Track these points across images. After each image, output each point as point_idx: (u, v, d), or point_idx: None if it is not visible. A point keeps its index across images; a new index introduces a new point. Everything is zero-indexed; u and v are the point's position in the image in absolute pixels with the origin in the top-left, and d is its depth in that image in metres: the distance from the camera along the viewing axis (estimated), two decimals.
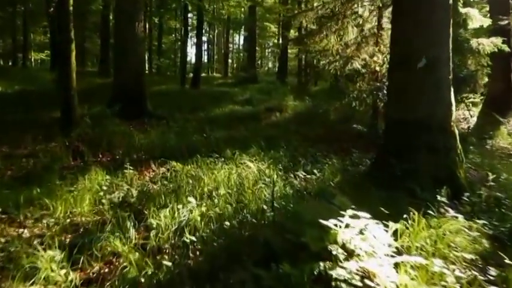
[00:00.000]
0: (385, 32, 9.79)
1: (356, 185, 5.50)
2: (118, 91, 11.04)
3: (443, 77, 5.61)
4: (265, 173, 5.57)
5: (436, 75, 5.56)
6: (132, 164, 6.39)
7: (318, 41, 9.69)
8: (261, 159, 7.13)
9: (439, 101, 5.59)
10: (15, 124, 9.19)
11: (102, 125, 8.90)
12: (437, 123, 5.56)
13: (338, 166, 7.21)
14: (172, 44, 42.13)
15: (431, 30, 5.56)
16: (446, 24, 5.67)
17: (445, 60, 5.63)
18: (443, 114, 5.59)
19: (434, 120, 5.55)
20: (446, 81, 5.64)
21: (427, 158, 5.42)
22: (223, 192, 4.84)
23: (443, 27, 5.63)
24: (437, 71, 5.56)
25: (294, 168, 6.80)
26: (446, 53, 5.65)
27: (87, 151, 6.96)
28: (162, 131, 9.67)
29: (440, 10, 5.61)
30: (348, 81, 10.26)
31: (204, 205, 4.38)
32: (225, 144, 8.72)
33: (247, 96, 17.46)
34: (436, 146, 5.49)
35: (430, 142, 5.46)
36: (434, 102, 5.57)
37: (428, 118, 5.54)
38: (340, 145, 9.24)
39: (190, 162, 6.63)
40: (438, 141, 5.51)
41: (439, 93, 5.59)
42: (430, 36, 5.57)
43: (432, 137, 5.51)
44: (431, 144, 5.48)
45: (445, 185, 5.16)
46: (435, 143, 5.49)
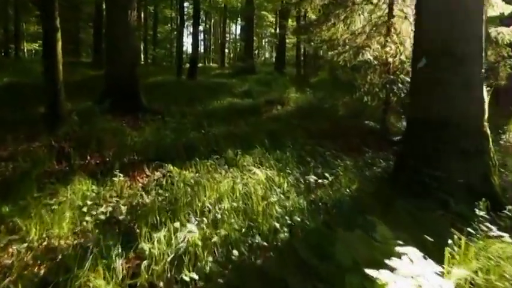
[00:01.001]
0: (397, 20, 9.10)
1: (378, 195, 4.85)
2: (110, 84, 10.30)
3: (475, 72, 4.94)
4: (274, 181, 4.89)
5: (468, 71, 4.89)
6: (123, 168, 5.73)
7: (325, 30, 8.99)
8: (266, 161, 6.49)
9: (471, 99, 4.92)
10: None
11: (92, 121, 8.19)
12: (469, 123, 4.90)
13: (351, 168, 6.56)
14: (168, 33, 41.21)
15: (462, 19, 4.88)
16: (479, 13, 4.99)
17: (478, 53, 4.96)
18: (475, 113, 4.93)
19: (466, 120, 4.89)
20: (478, 76, 4.97)
21: (458, 163, 4.77)
22: (228, 205, 4.18)
23: (475, 16, 4.95)
24: (469, 65, 4.89)
25: (303, 170, 6.15)
26: (479, 45, 4.97)
27: (74, 153, 6.26)
28: (157, 127, 8.97)
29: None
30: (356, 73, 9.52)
31: (206, 223, 3.73)
32: (225, 141, 8.05)
33: (246, 88, 16.73)
34: (468, 150, 4.83)
35: (461, 145, 4.80)
36: (466, 101, 4.90)
37: (459, 118, 4.87)
38: (349, 142, 8.57)
39: (188, 166, 5.97)
40: (470, 143, 4.85)
41: (471, 91, 4.92)
42: (461, 27, 4.89)
43: (463, 140, 4.85)
44: (462, 148, 4.83)
45: (480, 194, 4.51)
46: (467, 146, 4.83)
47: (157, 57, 33.37)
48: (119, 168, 5.60)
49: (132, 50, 10.47)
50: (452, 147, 4.79)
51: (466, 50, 4.85)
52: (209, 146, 7.50)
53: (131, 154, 6.66)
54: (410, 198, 4.65)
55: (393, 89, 8.11)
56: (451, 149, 4.79)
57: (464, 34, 4.87)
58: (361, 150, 7.97)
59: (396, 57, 8.37)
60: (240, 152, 6.99)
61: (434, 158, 4.88)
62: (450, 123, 4.83)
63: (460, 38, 4.85)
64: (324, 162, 6.91)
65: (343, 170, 6.33)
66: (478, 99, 4.96)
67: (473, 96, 4.92)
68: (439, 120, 4.89)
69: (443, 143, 4.85)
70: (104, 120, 8.57)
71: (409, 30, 9.04)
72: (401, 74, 8.34)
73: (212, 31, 54.33)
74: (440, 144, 4.87)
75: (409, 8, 9.49)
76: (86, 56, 36.34)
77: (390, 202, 4.57)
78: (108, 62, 10.76)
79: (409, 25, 9.10)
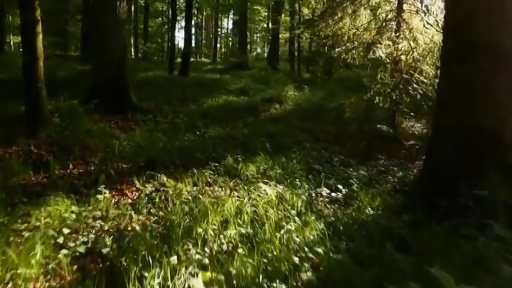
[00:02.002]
0: (408, 15, 8.44)
1: (404, 213, 4.19)
2: (97, 82, 9.51)
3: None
4: (286, 199, 4.20)
5: (509, 72, 4.22)
6: (109, 180, 5.02)
7: (331, 25, 8.30)
8: (270, 169, 5.83)
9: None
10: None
11: (76, 123, 7.42)
12: (511, 134, 4.24)
13: (365, 177, 5.91)
14: (159, 27, 40.23)
15: (504, 9, 4.21)
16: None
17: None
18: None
19: (506, 131, 4.23)
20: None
21: (501, 179, 4.11)
22: (234, 232, 3.49)
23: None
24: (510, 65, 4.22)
25: (312, 180, 5.49)
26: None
27: (54, 161, 5.53)
28: (149, 129, 8.25)
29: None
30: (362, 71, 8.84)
31: (208, 259, 3.04)
32: (222, 145, 7.38)
33: (241, 84, 15.99)
34: (509, 165, 4.18)
35: (506, 158, 4.14)
36: (507, 108, 4.24)
37: (498, 128, 4.21)
38: (358, 147, 7.93)
39: (184, 176, 5.27)
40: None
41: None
42: (502, 17, 4.23)
43: (503, 153, 4.20)
44: (502, 162, 4.17)
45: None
46: (507, 161, 4.18)
47: (148, 52, 32.41)
48: (105, 180, 4.90)
49: (121, 45, 9.70)
50: (494, 161, 4.14)
51: (508, 46, 4.18)
52: (206, 151, 6.81)
53: (119, 161, 5.94)
54: (443, 220, 4.02)
55: (408, 90, 7.45)
56: (493, 162, 4.14)
57: (506, 27, 4.20)
58: (372, 156, 7.33)
59: (409, 55, 7.71)
60: (240, 158, 6.33)
61: (472, 173, 4.22)
62: (493, 132, 4.17)
63: (503, 31, 4.18)
64: (334, 171, 6.26)
65: (357, 180, 5.69)
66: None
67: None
68: (478, 129, 4.23)
69: (484, 155, 4.19)
70: (90, 121, 7.81)
71: (420, 26, 8.40)
72: (415, 73, 7.69)
73: (204, 25, 53.38)
74: (480, 156, 4.21)
75: (418, 1, 8.86)
76: (75, 49, 35.32)
77: (422, 224, 3.93)
78: (95, 57, 9.97)
79: (421, 20, 8.46)
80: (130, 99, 9.86)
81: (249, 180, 5.33)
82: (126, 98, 9.72)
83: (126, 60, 10.15)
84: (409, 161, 7.44)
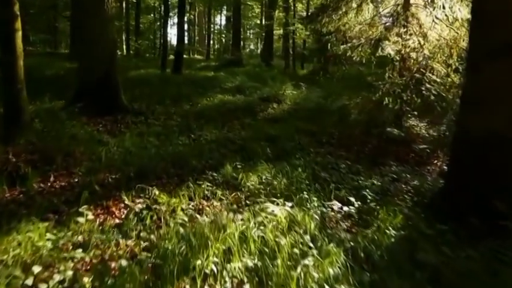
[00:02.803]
0: (416, 9, 7.91)
1: (434, 236, 3.66)
2: (85, 81, 8.88)
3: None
4: (297, 222, 3.65)
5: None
6: (95, 196, 4.45)
7: (335, 20, 7.76)
8: (273, 178, 5.29)
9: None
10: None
11: (61, 127, 6.85)
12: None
13: (378, 188, 5.39)
14: (151, 24, 39.47)
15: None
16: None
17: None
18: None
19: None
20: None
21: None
22: (239, 265, 2.94)
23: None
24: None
25: (321, 191, 4.96)
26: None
27: (32, 173, 4.94)
28: (140, 132, 7.67)
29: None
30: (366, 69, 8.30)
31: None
32: (219, 151, 6.84)
33: (237, 82, 15.39)
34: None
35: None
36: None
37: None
38: (364, 151, 7.40)
39: (178, 189, 4.73)
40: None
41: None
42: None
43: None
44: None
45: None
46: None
47: (140, 49, 31.69)
48: (88, 197, 4.34)
49: (109, 43, 9.08)
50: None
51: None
52: (202, 158, 6.26)
53: (107, 171, 5.36)
54: (477, 241, 3.51)
55: (421, 90, 6.92)
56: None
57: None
58: (380, 162, 6.80)
59: (420, 52, 7.18)
60: (240, 165, 5.79)
61: (508, 186, 3.70)
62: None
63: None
64: (342, 179, 5.73)
65: (370, 190, 5.17)
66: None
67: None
68: (507, 136, 3.71)
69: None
70: (76, 125, 7.23)
71: (429, 21, 7.88)
72: (426, 71, 7.17)
73: (197, 22, 52.61)
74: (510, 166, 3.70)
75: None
76: (65, 47, 34.52)
77: (454, 248, 3.41)
78: (82, 56, 9.34)
79: (429, 15, 7.94)
80: (120, 99, 9.26)
81: (251, 193, 4.80)
82: (115, 98, 9.12)
83: (115, 58, 9.53)
84: (420, 166, 6.94)
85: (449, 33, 7.71)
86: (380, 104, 7.30)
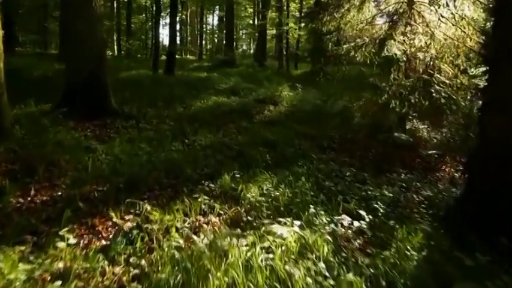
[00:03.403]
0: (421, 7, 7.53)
1: (462, 258, 3.25)
2: (72, 83, 8.39)
3: None
4: (309, 245, 3.23)
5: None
6: (78, 213, 4.01)
7: (337, 18, 7.35)
8: (274, 189, 4.88)
9: None
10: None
11: (45, 133, 6.39)
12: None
13: (389, 199, 4.99)
14: (142, 24, 38.92)
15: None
16: None
17: None
18: None
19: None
20: None
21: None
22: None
23: None
24: None
25: (328, 206, 4.55)
26: None
27: (11, 186, 4.49)
28: (131, 138, 7.22)
29: None
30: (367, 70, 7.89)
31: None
32: (216, 157, 6.42)
33: (231, 83, 14.98)
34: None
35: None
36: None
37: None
38: (368, 157, 7.01)
39: (172, 204, 4.30)
40: None
41: None
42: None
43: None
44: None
45: None
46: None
47: (131, 49, 31.15)
48: (73, 212, 3.90)
49: (98, 42, 8.60)
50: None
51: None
52: (197, 166, 5.83)
53: (94, 183, 4.92)
54: None
55: (430, 92, 6.53)
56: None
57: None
58: (387, 168, 6.42)
59: (428, 52, 6.79)
60: (238, 175, 5.37)
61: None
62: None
63: None
64: (349, 189, 5.33)
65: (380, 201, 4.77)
66: None
67: None
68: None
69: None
70: (61, 131, 6.76)
71: (435, 20, 7.50)
72: (434, 72, 6.78)
73: (189, 22, 52.08)
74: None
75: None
76: (56, 47, 33.91)
77: (487, 274, 3.01)
78: (69, 56, 8.86)
79: (435, 13, 7.56)
80: (110, 102, 8.79)
81: (252, 206, 4.37)
82: (104, 101, 8.65)
83: (104, 59, 9.06)
84: (428, 172, 6.57)
85: (455, 32, 7.33)
86: (386, 107, 6.91)
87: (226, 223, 3.99)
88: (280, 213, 4.17)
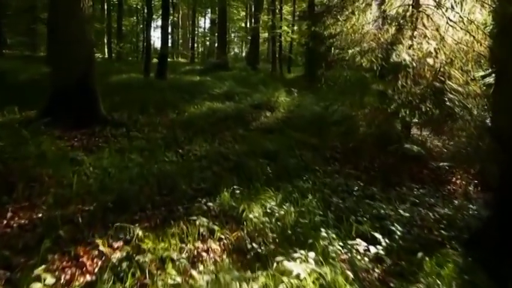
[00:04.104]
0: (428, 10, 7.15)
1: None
2: (58, 88, 7.88)
3: None
4: (328, 285, 2.79)
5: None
6: (59, 241, 3.53)
7: (341, 21, 6.94)
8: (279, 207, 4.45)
9: None
10: None
11: (27, 144, 5.89)
12: None
13: (403, 218, 4.58)
14: (133, 26, 38.36)
15: None
16: None
17: None
18: None
19: None
20: None
21: None
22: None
23: None
24: None
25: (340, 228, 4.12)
26: None
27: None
28: (121, 148, 6.74)
29: None
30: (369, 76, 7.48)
31: None
32: (212, 169, 5.99)
33: (225, 88, 14.52)
34: None
35: None
36: None
37: None
38: (374, 168, 6.60)
39: (166, 226, 3.85)
40: None
41: None
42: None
43: None
44: None
45: None
46: None
47: (122, 52, 30.59)
48: (54, 240, 3.43)
49: (86, 46, 8.10)
50: None
51: None
52: (192, 180, 5.39)
53: (79, 201, 4.45)
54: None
55: (443, 100, 6.13)
56: None
57: None
58: (395, 181, 6.01)
59: (438, 58, 6.40)
60: (238, 190, 4.93)
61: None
62: None
63: None
64: (358, 206, 4.91)
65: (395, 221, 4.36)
66: None
67: None
68: None
69: None
70: (45, 141, 6.26)
71: (442, 23, 7.12)
72: (445, 79, 6.38)
73: (180, 24, 51.59)
74: None
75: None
76: (44, 50, 33.24)
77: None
78: (56, 59, 8.34)
79: (442, 16, 7.18)
80: (99, 108, 8.29)
81: (256, 230, 3.93)
82: (93, 107, 8.14)
83: (93, 62, 8.56)
84: (439, 186, 6.17)
85: (464, 36, 6.96)
86: (393, 115, 6.49)
87: (228, 251, 3.54)
88: (287, 238, 3.73)
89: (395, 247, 3.81)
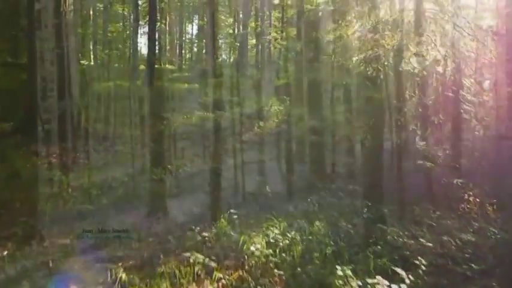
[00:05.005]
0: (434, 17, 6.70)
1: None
2: (35, 98, 7.29)
3: None
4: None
5: None
6: None
7: (343, 26, 6.43)
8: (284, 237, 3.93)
9: None
10: None
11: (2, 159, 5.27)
12: None
13: (423, 247, 4.08)
14: (119, 33, 37.65)
15: None
16: None
17: None
18: None
19: None
20: None
21: None
22: None
23: None
24: None
25: (355, 262, 3.59)
26: None
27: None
28: (104, 164, 6.19)
29: None
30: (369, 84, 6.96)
31: None
32: (204, 190, 5.46)
33: (214, 96, 13.94)
34: None
35: None
36: None
37: None
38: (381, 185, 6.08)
39: (156, 263, 3.29)
40: None
41: None
42: None
43: None
44: None
45: None
46: None
47: (108, 58, 29.89)
48: None
49: (68, 53, 7.53)
50: None
51: None
52: (184, 203, 4.87)
53: (56, 232, 3.87)
54: None
55: (460, 112, 5.64)
56: None
57: None
58: (406, 200, 5.51)
59: (449, 66, 5.91)
60: (236, 215, 4.38)
61: None
62: None
63: None
64: (370, 231, 4.39)
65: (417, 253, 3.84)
66: None
67: None
68: None
69: None
70: (21, 158, 5.64)
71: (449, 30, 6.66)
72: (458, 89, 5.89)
73: (168, 30, 51.13)
74: None
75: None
76: None
77: None
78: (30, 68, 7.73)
79: (447, 22, 6.71)
80: (80, 121, 7.71)
81: (260, 267, 3.38)
82: (73, 120, 7.55)
83: (75, 69, 7.97)
84: (454, 204, 5.68)
85: (472, 43, 6.51)
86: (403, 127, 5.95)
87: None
88: (296, 279, 3.19)
89: (421, 285, 3.29)
